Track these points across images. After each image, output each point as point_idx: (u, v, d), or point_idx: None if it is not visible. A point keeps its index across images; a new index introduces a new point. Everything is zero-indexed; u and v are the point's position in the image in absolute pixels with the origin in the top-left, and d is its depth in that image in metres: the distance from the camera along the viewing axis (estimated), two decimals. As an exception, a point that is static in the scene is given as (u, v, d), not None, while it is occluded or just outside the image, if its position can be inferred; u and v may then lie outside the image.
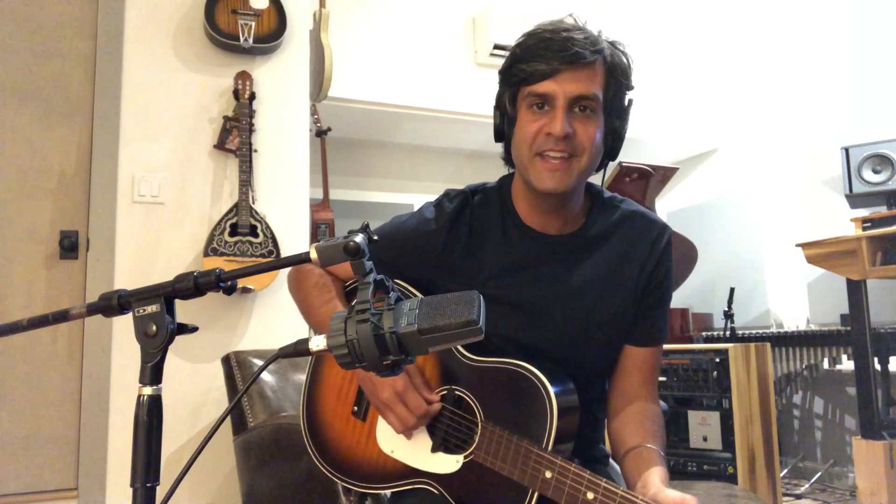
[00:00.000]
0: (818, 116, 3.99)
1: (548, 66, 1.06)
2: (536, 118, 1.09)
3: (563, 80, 1.07)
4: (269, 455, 1.79)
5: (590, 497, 1.00)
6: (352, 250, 0.81)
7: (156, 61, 2.66)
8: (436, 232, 1.20)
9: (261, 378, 1.97)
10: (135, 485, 0.79)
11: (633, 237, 1.20)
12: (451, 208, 1.21)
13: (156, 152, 2.62)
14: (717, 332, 3.78)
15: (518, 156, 1.15)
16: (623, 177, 3.57)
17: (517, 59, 1.11)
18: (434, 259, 1.20)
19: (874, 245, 2.86)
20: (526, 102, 1.11)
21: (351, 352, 0.80)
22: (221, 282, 0.84)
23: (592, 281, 1.18)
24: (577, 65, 1.06)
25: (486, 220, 1.21)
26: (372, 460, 1.20)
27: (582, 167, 1.11)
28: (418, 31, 3.78)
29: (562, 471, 1.03)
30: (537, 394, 1.07)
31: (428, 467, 1.15)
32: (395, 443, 1.18)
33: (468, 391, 1.15)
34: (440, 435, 1.15)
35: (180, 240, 2.62)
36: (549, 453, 1.05)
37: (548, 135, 1.08)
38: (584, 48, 1.07)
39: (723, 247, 4.35)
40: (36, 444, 2.40)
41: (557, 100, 1.07)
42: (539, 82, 1.08)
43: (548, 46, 1.07)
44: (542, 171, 1.10)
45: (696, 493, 1.62)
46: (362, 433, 1.22)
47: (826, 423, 3.87)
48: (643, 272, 1.19)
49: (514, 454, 1.07)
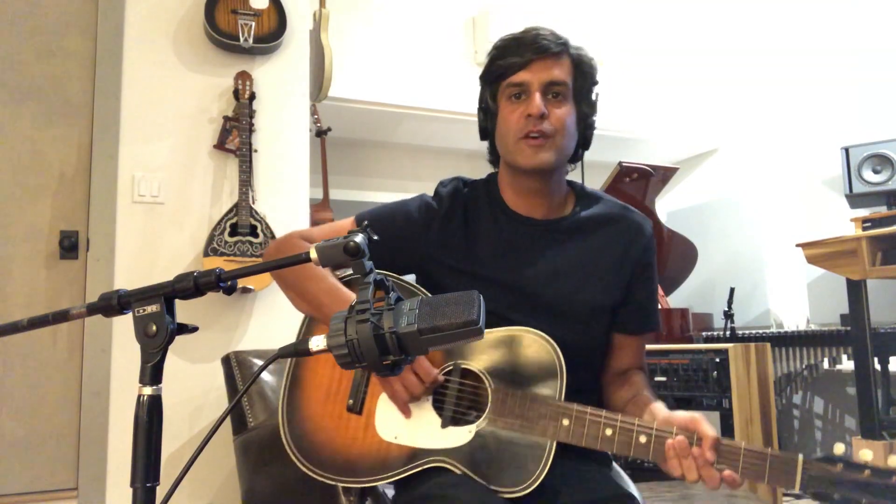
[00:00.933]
0: (818, 116, 4.00)
1: (521, 59, 1.22)
2: (516, 107, 1.23)
3: (536, 69, 1.22)
4: (269, 455, 1.79)
5: (608, 433, 1.08)
6: (352, 250, 0.82)
7: (156, 61, 2.66)
8: (436, 210, 1.31)
9: (261, 378, 1.97)
10: (135, 485, 0.80)
11: (617, 228, 1.31)
12: (446, 192, 1.33)
13: (156, 152, 2.62)
14: (717, 332, 3.78)
15: (504, 144, 1.27)
16: (623, 177, 3.57)
17: (494, 57, 1.26)
18: (434, 235, 1.30)
19: (874, 245, 2.86)
20: (505, 95, 1.25)
21: (351, 352, 0.80)
22: (221, 282, 0.84)
23: (579, 263, 1.28)
24: (546, 54, 1.22)
25: (478, 208, 1.32)
26: (372, 452, 1.18)
27: (559, 145, 1.23)
28: (418, 31, 3.78)
29: (578, 415, 1.10)
30: (543, 352, 1.16)
31: (439, 444, 1.15)
32: (398, 429, 1.18)
33: (473, 364, 1.19)
34: (449, 410, 1.17)
35: (180, 240, 2.62)
36: (563, 403, 1.12)
37: (528, 117, 1.21)
38: (551, 41, 1.23)
39: (723, 247, 4.35)
40: (36, 444, 2.40)
41: (532, 86, 1.22)
42: (515, 73, 1.22)
43: (520, 43, 1.23)
44: (526, 150, 1.22)
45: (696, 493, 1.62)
46: (358, 428, 1.21)
47: (826, 423, 3.87)
48: (628, 260, 1.29)
49: (529, 410, 1.12)
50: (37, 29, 2.54)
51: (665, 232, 3.71)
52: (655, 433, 1.07)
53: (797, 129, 4.11)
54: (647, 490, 1.62)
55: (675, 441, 1.04)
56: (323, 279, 1.24)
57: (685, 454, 1.04)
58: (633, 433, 1.07)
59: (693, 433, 1.04)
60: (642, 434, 1.07)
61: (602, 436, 1.09)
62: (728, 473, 1.03)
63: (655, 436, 1.06)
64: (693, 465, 1.03)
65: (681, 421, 1.06)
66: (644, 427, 1.07)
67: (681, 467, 1.04)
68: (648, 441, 1.06)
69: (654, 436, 1.06)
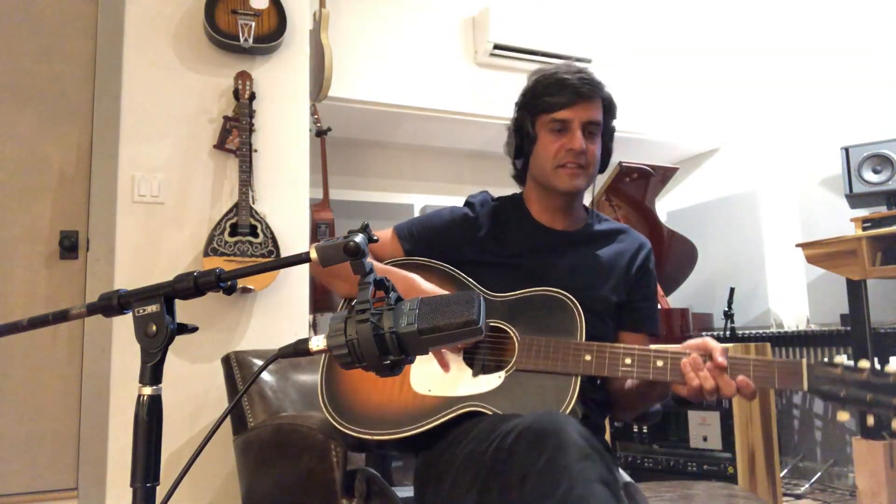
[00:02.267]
0: (818, 116, 3.99)
1: (567, 99, 1.40)
2: (556, 139, 1.42)
3: (578, 109, 1.41)
4: (269, 455, 1.79)
5: (628, 362, 1.21)
6: (352, 250, 0.82)
7: (156, 61, 2.66)
8: (470, 217, 1.51)
9: (261, 378, 1.97)
10: (135, 485, 0.80)
11: (624, 243, 1.53)
12: (477, 201, 1.54)
13: (156, 152, 2.62)
14: (717, 332, 3.78)
15: (541, 167, 1.46)
16: (623, 177, 3.57)
17: (539, 93, 1.44)
18: (469, 237, 1.48)
19: (874, 245, 2.86)
20: (546, 127, 1.43)
21: (351, 352, 0.80)
22: (221, 282, 0.84)
23: (590, 266, 1.47)
24: (588, 99, 1.41)
25: (506, 216, 1.52)
26: (408, 405, 1.28)
27: (590, 174, 1.45)
28: (418, 31, 3.77)
29: (599, 350, 1.24)
30: (563, 304, 1.32)
31: (471, 391, 1.26)
32: (432, 382, 1.29)
33: (497, 321, 1.33)
34: (480, 361, 1.30)
35: (180, 240, 2.62)
36: (583, 342, 1.26)
37: (568, 150, 1.41)
38: (593, 87, 1.42)
39: (723, 247, 4.35)
40: (36, 444, 2.40)
41: (574, 123, 1.41)
42: (559, 111, 1.41)
43: (566, 84, 1.41)
44: (564, 177, 1.43)
45: (696, 493, 1.62)
46: (394, 385, 1.31)
47: (826, 423, 3.86)
48: (632, 268, 1.49)
49: (553, 351, 1.26)
50: (37, 29, 2.54)
51: (665, 232, 3.71)
52: (671, 356, 1.19)
53: (797, 129, 4.11)
54: (647, 490, 1.61)
55: (690, 359, 1.17)
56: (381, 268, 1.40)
57: (700, 368, 1.16)
58: (651, 359, 1.20)
59: (705, 352, 1.17)
60: (659, 359, 1.20)
61: (622, 364, 1.21)
62: (742, 379, 1.14)
63: (671, 358, 1.19)
64: (708, 374, 1.15)
65: (691, 343, 1.20)
66: (660, 353, 1.20)
67: (698, 378, 1.15)
68: (665, 364, 1.19)
69: (669, 358, 1.19)
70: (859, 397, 1.07)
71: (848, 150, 3.32)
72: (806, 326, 3.94)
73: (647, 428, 2.95)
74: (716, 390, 1.14)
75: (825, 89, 3.96)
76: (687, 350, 1.19)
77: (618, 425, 3.01)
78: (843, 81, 3.87)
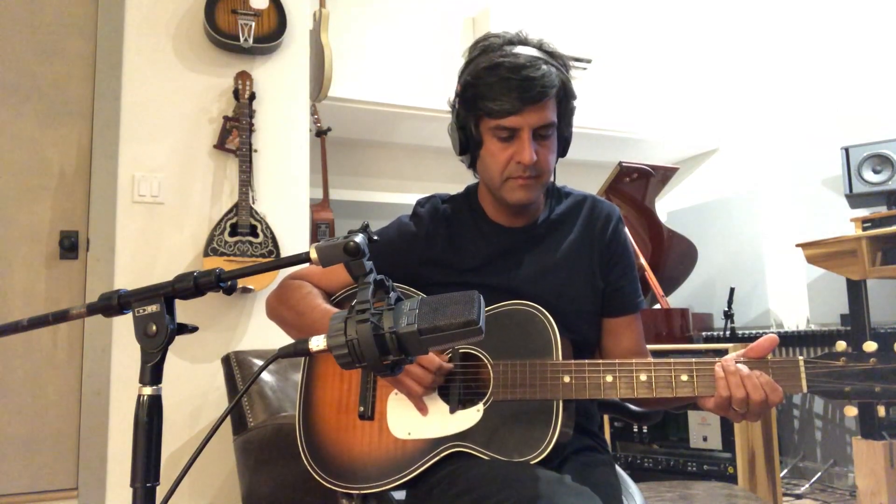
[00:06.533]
0: (818, 116, 3.99)
1: (512, 106, 1.19)
2: (504, 147, 1.23)
3: (527, 114, 1.20)
4: (269, 455, 1.79)
5: (609, 379, 1.12)
6: (352, 250, 0.82)
7: (156, 61, 2.66)
8: (416, 234, 1.35)
9: (261, 378, 1.97)
10: (135, 485, 0.80)
11: (586, 219, 1.36)
12: (424, 212, 1.37)
13: (156, 152, 2.62)
14: (717, 332, 3.78)
15: (489, 178, 1.29)
16: (623, 177, 3.57)
17: (481, 93, 1.22)
18: (417, 257, 1.33)
19: (874, 245, 2.86)
20: (491, 132, 1.24)
21: (351, 352, 0.80)
22: (221, 282, 0.84)
23: (558, 261, 1.32)
24: (537, 103, 1.19)
25: (461, 221, 1.37)
26: (390, 452, 1.20)
27: (543, 182, 1.28)
28: (418, 31, 3.77)
29: (577, 369, 1.13)
30: (532, 317, 1.20)
31: (451, 430, 1.17)
32: (410, 425, 1.20)
33: (471, 345, 1.22)
34: (455, 395, 1.20)
35: (180, 240, 2.62)
36: (560, 362, 1.15)
37: (518, 163, 1.22)
38: (544, 87, 1.19)
39: (723, 247, 4.35)
40: (36, 444, 2.40)
41: (523, 131, 1.21)
42: (505, 118, 1.20)
43: (510, 87, 1.18)
44: (514, 190, 1.25)
45: (696, 493, 1.62)
46: (373, 432, 1.23)
47: (826, 423, 3.86)
48: (599, 247, 1.34)
49: (529, 376, 1.15)
50: (37, 29, 2.54)
51: (665, 232, 3.71)
52: (654, 367, 1.11)
53: (797, 129, 4.10)
54: (647, 490, 1.61)
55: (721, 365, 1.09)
56: (318, 307, 1.27)
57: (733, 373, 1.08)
58: (633, 373, 1.11)
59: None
60: (642, 373, 1.11)
61: (603, 383, 1.11)
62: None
63: (654, 368, 1.11)
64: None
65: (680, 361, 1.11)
66: (642, 365, 1.11)
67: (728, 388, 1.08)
68: (649, 379, 1.11)
69: (653, 369, 1.11)
70: (867, 390, 0.94)
71: (848, 150, 3.32)
72: (806, 326, 3.93)
73: (647, 428, 2.94)
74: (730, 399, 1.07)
75: (825, 89, 3.96)
76: (693, 362, 1.10)
77: (618, 425, 3.01)
78: (843, 81, 3.87)
